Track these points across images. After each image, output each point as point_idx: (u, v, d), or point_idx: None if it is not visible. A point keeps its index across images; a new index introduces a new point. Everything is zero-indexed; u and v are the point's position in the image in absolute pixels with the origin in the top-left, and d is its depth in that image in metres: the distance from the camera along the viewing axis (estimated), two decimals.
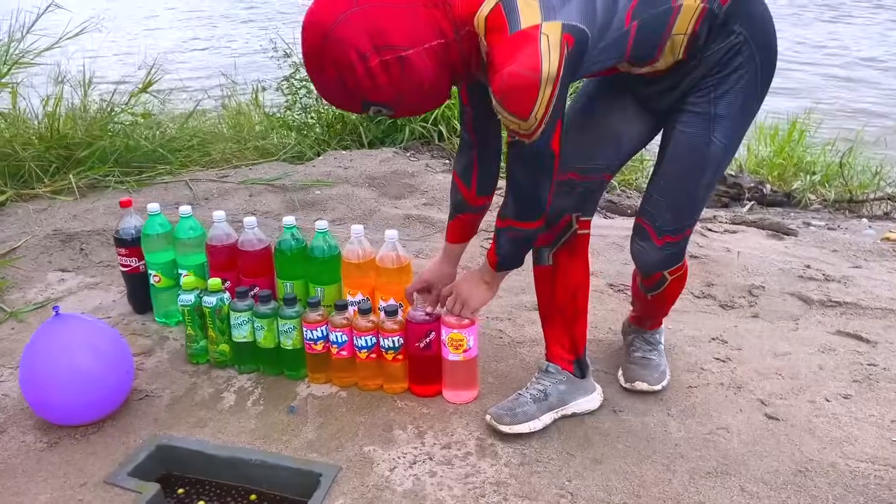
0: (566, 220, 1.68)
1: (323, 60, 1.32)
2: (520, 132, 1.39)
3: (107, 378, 1.77)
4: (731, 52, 1.51)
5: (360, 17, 1.29)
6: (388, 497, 1.53)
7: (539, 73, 1.30)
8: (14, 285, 2.40)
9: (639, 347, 1.95)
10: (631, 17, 1.42)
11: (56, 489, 1.58)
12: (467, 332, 1.75)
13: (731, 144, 1.60)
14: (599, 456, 1.66)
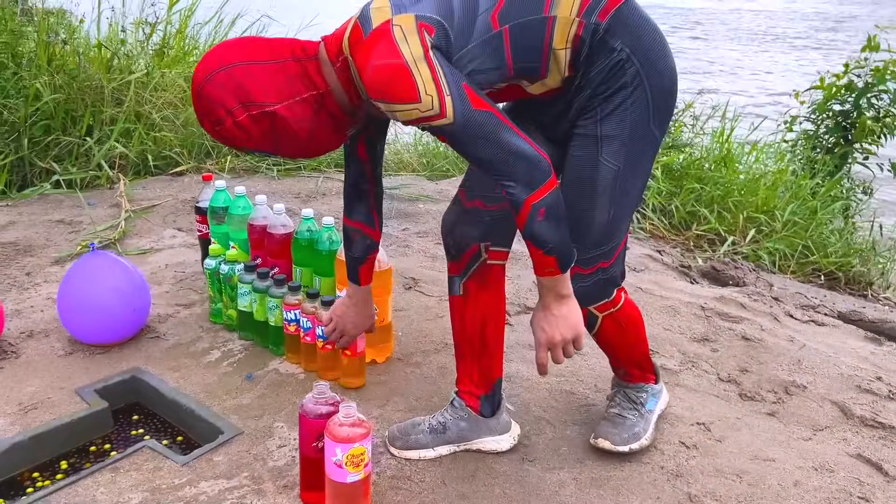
0: (474, 249, 1.64)
1: (199, 113, 1.40)
2: (428, 116, 1.32)
3: (120, 310, 2.11)
4: (614, 69, 1.43)
5: (226, 77, 1.35)
6: (256, 467, 1.65)
7: (401, 58, 1.29)
8: (136, 234, 2.92)
9: (617, 403, 1.80)
10: (498, 20, 1.38)
11: (42, 385, 1.93)
12: (367, 443, 1.45)
13: (625, 168, 1.48)
14: (470, 493, 1.60)
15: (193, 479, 1.61)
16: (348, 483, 1.45)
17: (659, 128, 1.51)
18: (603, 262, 1.56)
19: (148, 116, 3.82)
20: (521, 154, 1.34)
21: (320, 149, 1.49)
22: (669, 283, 2.66)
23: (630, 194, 1.54)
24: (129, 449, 1.72)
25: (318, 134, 1.43)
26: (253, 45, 1.40)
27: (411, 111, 1.32)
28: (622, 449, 1.72)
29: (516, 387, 2.02)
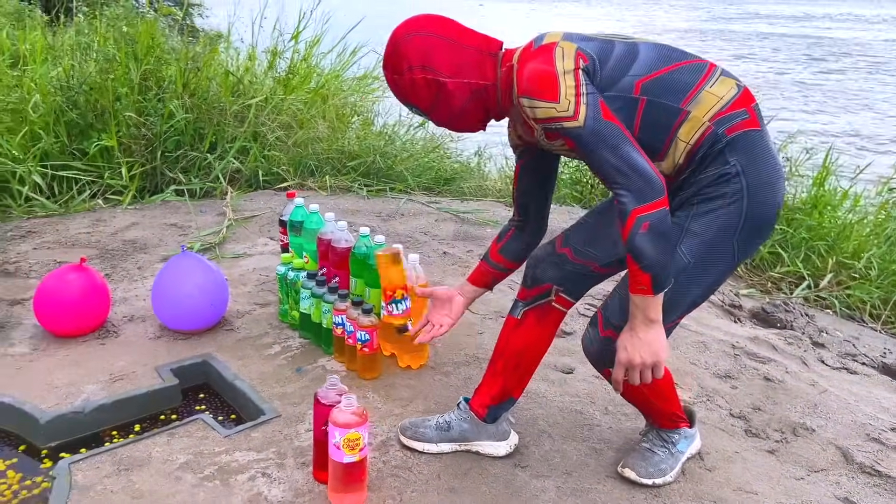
0: (546, 287, 1.82)
1: (387, 62, 1.65)
2: (562, 116, 1.50)
3: (200, 304, 2.48)
4: (721, 178, 1.58)
5: (420, 41, 1.61)
6: (284, 445, 1.93)
7: (554, 67, 1.52)
8: (234, 240, 3.32)
9: (649, 439, 1.92)
10: (640, 89, 1.57)
11: (130, 361, 2.31)
12: (363, 430, 1.67)
13: (694, 266, 1.60)
14: (459, 488, 1.80)
15: (230, 448, 1.92)
16: (345, 463, 1.69)
17: (741, 246, 1.61)
18: None
19: (264, 136, 4.29)
20: (638, 168, 1.48)
21: (462, 128, 1.72)
22: (709, 321, 2.72)
23: (688, 292, 1.63)
24: (186, 419, 2.07)
25: (467, 116, 1.67)
26: (453, 25, 1.66)
27: (549, 109, 1.51)
28: (646, 481, 1.83)
29: (530, 402, 2.19)
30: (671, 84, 1.57)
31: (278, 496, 1.75)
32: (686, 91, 1.57)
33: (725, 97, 1.58)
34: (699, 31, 36.88)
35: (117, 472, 1.81)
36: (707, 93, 1.57)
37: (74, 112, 3.97)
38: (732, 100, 1.58)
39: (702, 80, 1.59)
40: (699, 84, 1.58)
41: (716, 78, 1.60)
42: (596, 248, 1.79)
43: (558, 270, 1.81)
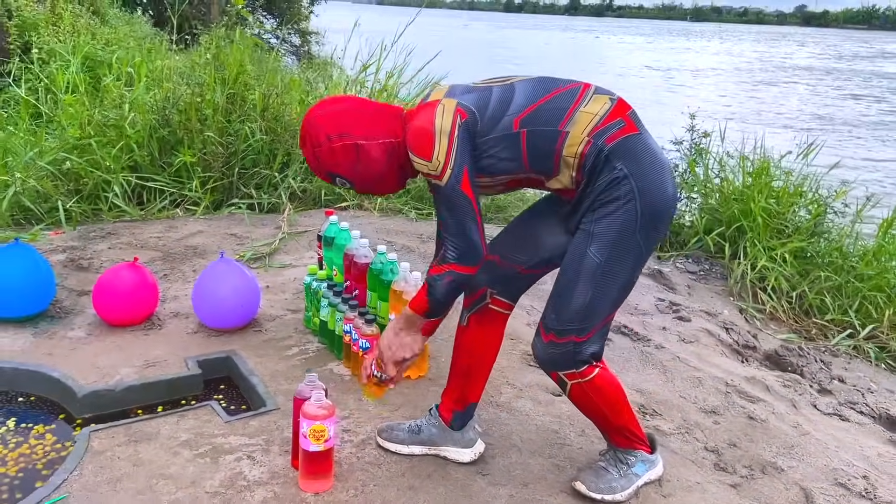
0: (481, 291, 2.01)
1: (304, 138, 1.86)
2: (431, 173, 1.76)
3: (235, 306, 2.75)
4: (612, 184, 1.76)
5: (333, 113, 1.84)
6: (274, 434, 2.15)
7: (433, 125, 1.75)
8: (284, 251, 3.62)
9: (606, 458, 2.02)
10: (519, 124, 1.78)
11: (166, 351, 2.61)
12: (329, 423, 1.86)
13: (606, 264, 1.77)
14: (418, 486, 1.96)
15: (227, 432, 2.15)
16: (311, 451, 1.89)
17: (644, 240, 1.79)
18: (576, 336, 1.83)
19: None
20: (471, 239, 1.78)
21: (384, 189, 1.96)
22: (711, 358, 2.75)
23: (607, 288, 1.80)
24: (196, 404, 2.33)
25: (386, 175, 1.89)
26: (358, 99, 1.92)
27: (423, 165, 1.77)
28: (594, 496, 1.94)
29: (511, 418, 2.32)
30: (547, 113, 1.77)
31: (256, 476, 1.96)
32: (562, 115, 1.77)
33: (600, 112, 1.76)
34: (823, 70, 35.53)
35: (128, 442, 2.09)
36: (582, 112, 1.76)
37: (166, 130, 4.42)
38: (607, 113, 1.77)
39: (576, 102, 1.78)
40: (573, 106, 1.77)
41: (589, 97, 1.79)
42: (521, 252, 1.98)
43: (489, 274, 1.99)
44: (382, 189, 1.96)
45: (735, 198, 4.24)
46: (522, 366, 2.67)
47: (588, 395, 1.92)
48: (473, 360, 2.05)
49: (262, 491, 1.91)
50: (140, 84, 4.68)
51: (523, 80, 1.85)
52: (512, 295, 2.03)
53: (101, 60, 6.02)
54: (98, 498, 1.85)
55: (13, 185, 3.80)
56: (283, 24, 17.81)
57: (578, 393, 1.91)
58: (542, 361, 1.91)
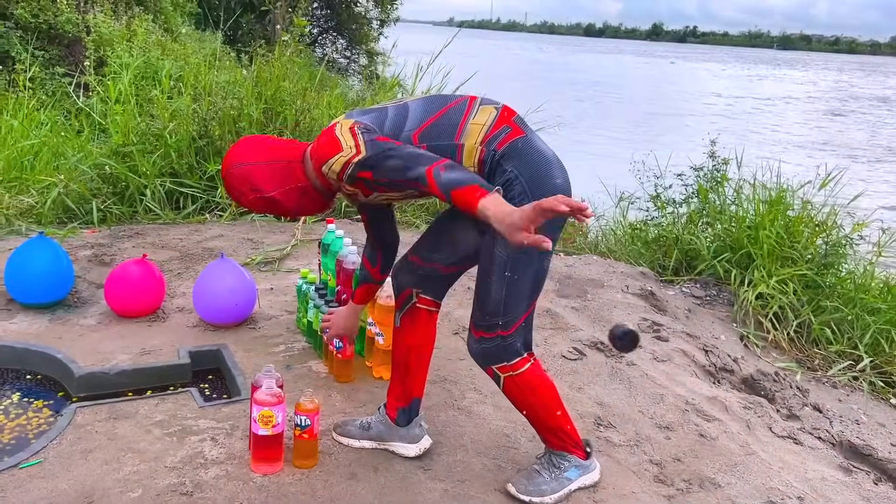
0: (407, 292, 2.15)
1: (227, 189, 2.07)
2: (347, 157, 1.82)
3: (231, 304, 2.95)
4: (506, 186, 1.86)
5: (239, 173, 2.00)
6: (241, 421, 2.31)
7: (333, 132, 1.88)
8: (294, 257, 3.82)
9: (540, 462, 2.11)
10: (418, 139, 1.90)
11: (163, 341, 2.82)
12: (276, 410, 2.02)
13: (512, 258, 1.88)
14: (360, 476, 2.09)
15: (199, 416, 2.34)
16: (259, 435, 2.05)
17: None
18: (502, 331, 1.95)
19: None
20: (416, 152, 1.76)
21: (312, 213, 2.14)
22: (679, 377, 2.78)
23: (519, 281, 1.91)
24: (178, 390, 2.52)
25: (308, 206, 2.06)
26: (261, 146, 2.03)
27: (339, 159, 1.83)
28: (522, 497, 2.03)
29: (469, 420, 2.42)
30: (441, 127, 1.90)
31: (214, 456, 2.13)
32: (455, 128, 1.89)
33: (487, 122, 1.89)
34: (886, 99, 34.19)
35: (108, 419, 2.29)
36: (472, 124, 1.89)
37: (203, 140, 4.71)
38: (494, 121, 1.90)
39: (465, 115, 1.90)
40: (464, 120, 1.90)
41: (476, 109, 1.92)
42: (439, 252, 2.11)
43: (412, 276, 2.13)
44: (310, 213, 2.15)
45: (748, 225, 4.23)
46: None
47: (520, 389, 2.01)
48: (410, 357, 2.18)
49: (216, 469, 2.07)
50: (186, 95, 4.99)
51: (415, 100, 1.99)
52: (437, 293, 2.16)
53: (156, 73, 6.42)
54: (69, 465, 2.05)
55: (58, 186, 4.14)
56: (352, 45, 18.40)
57: (511, 386, 2.02)
58: (475, 357, 2.03)
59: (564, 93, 22.81)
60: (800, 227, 4.15)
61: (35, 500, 1.90)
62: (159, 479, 2.01)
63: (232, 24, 15.08)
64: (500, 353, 1.98)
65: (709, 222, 4.60)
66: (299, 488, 2.02)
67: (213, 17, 15.05)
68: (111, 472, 2.03)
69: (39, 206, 4.21)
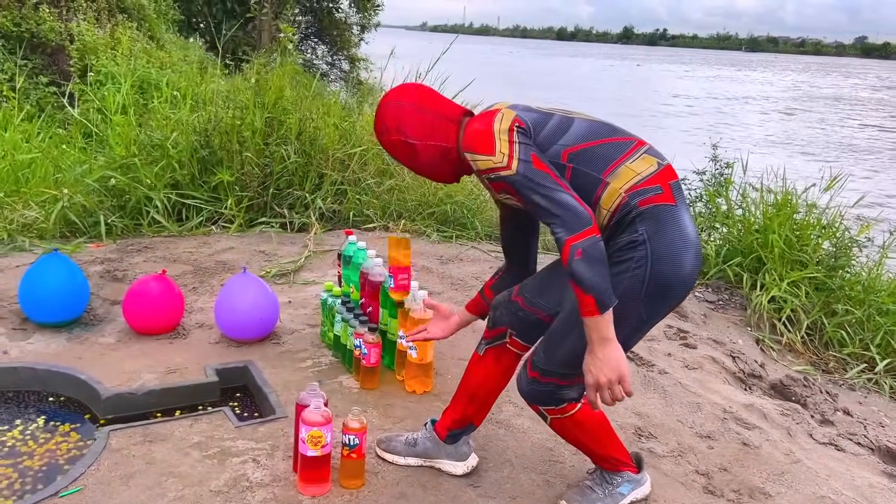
0: (502, 330, 2.06)
1: (376, 121, 1.97)
2: (497, 166, 1.76)
3: (254, 319, 2.90)
4: (630, 245, 1.77)
5: (396, 109, 1.91)
6: (280, 440, 2.26)
7: (492, 125, 1.79)
8: (309, 269, 3.77)
9: (592, 478, 2.09)
10: (567, 157, 1.82)
11: (187, 359, 2.75)
12: (326, 430, 1.95)
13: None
14: (409, 495, 2.05)
15: (237, 436, 2.28)
16: (308, 456, 2.00)
17: (646, 308, 1.79)
18: (559, 380, 1.90)
19: (362, 181, 4.77)
20: (565, 204, 1.69)
21: (438, 180, 2.02)
22: (713, 385, 2.78)
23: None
24: (211, 410, 2.47)
25: (439, 170, 1.97)
26: (425, 94, 1.94)
27: (487, 161, 1.78)
28: None
29: (508, 434, 2.40)
30: (594, 156, 1.81)
31: (258, 478, 2.08)
32: (607, 164, 1.79)
33: (644, 173, 1.78)
34: (848, 99, 34.94)
35: (143, 442, 2.23)
36: (626, 167, 1.79)
37: (206, 151, 4.64)
38: (650, 176, 1.78)
39: (624, 155, 1.80)
40: (621, 159, 1.80)
41: (639, 155, 1.81)
42: (544, 298, 2.00)
43: (512, 316, 2.04)
44: (436, 180, 2.04)
45: (756, 229, 4.25)
46: None
47: (569, 428, 1.99)
48: (482, 391, 2.12)
49: (263, 492, 2.02)
50: (185, 106, 4.92)
51: (584, 119, 1.89)
52: (530, 339, 2.06)
53: (152, 83, 6.32)
54: (110, 491, 1.99)
55: (61, 200, 4.05)
56: (333, 50, 18.31)
57: (559, 426, 2.00)
58: (523, 394, 1.99)
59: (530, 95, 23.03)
60: (808, 230, 4.18)
61: None
62: None
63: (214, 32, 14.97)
64: (549, 399, 1.94)
65: (715, 226, 4.63)
66: None
67: (195, 24, 14.94)
68: (155, 499, 1.97)
69: (41, 220, 4.11)
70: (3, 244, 3.79)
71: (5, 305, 3.10)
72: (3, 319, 2.98)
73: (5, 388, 2.60)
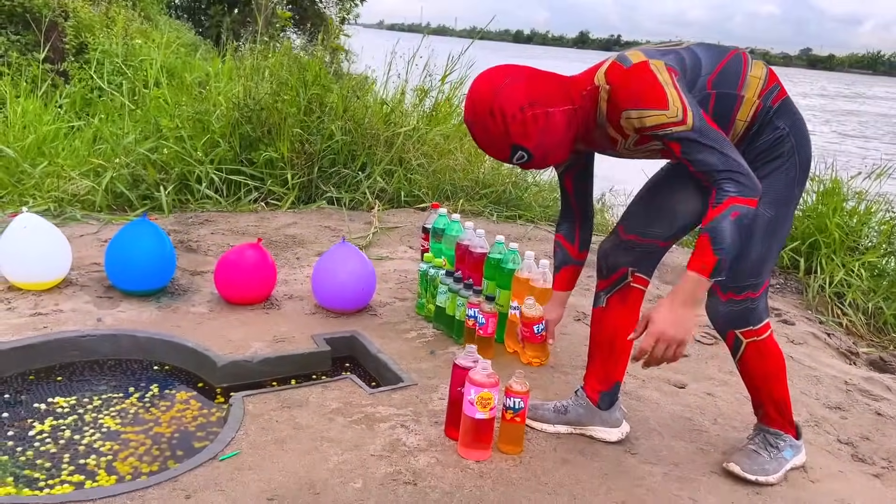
0: (622, 272, 2.07)
1: (493, 111, 1.73)
2: (671, 122, 1.68)
3: (354, 289, 2.81)
4: (777, 142, 1.86)
5: (520, 82, 1.75)
6: (420, 407, 2.19)
7: (656, 77, 1.71)
8: (378, 245, 3.69)
9: (755, 441, 2.05)
10: (711, 85, 1.82)
11: (290, 329, 2.65)
12: (495, 391, 1.91)
13: (774, 217, 1.86)
14: (572, 460, 2.00)
15: (374, 402, 2.20)
16: (476, 419, 1.93)
17: (799, 189, 1.91)
18: (751, 292, 1.92)
19: (408, 162, 4.69)
20: (742, 167, 1.68)
21: (558, 157, 1.85)
22: (823, 359, 2.80)
23: (777, 240, 1.91)
24: (335, 377, 2.38)
25: (563, 143, 1.81)
26: (528, 67, 1.82)
27: (659, 116, 1.69)
28: (749, 476, 1.97)
29: (642, 405, 2.36)
30: (727, 76, 1.84)
31: (414, 443, 2.01)
32: (738, 79, 1.84)
33: (762, 76, 1.86)
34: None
35: (281, 408, 2.13)
36: (750, 76, 1.85)
37: (248, 126, 4.50)
38: (766, 76, 1.86)
39: (744, 66, 1.85)
40: (744, 70, 1.85)
41: (751, 62, 1.87)
42: (657, 226, 2.04)
43: (631, 254, 2.05)
44: (555, 158, 1.88)
45: (808, 215, 4.31)
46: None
47: (761, 356, 1.98)
48: (617, 340, 2.09)
49: (425, 457, 1.95)
50: (224, 81, 4.77)
51: (693, 45, 1.87)
52: (650, 270, 2.09)
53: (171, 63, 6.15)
54: (268, 455, 1.89)
55: (111, 170, 3.88)
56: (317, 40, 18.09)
57: (753, 353, 1.98)
58: (720, 321, 1.98)
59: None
60: (858, 217, 4.25)
61: (257, 493, 1.75)
62: (373, 469, 1.87)
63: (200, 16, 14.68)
64: (747, 317, 1.94)
65: None
66: (521, 474, 1.92)
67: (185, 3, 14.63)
68: (319, 463, 1.88)
69: (84, 192, 3.94)
70: (52, 215, 3.62)
71: (84, 273, 2.95)
72: (86, 287, 2.83)
73: (106, 357, 2.47)
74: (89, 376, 2.37)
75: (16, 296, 2.71)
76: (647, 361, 1.78)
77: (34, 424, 2.06)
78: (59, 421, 2.09)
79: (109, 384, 2.33)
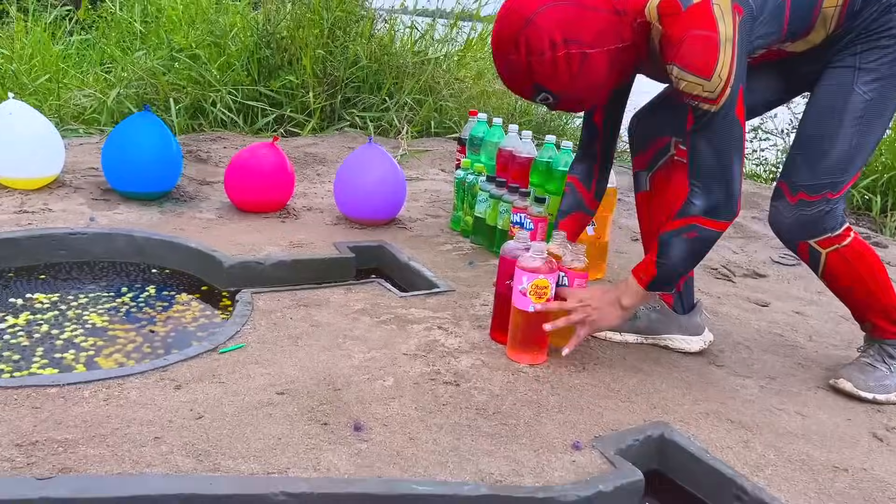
0: (663, 141, 1.71)
1: (518, 42, 1.41)
2: (703, 95, 1.39)
3: (386, 197, 2.47)
4: (883, 14, 1.48)
5: (559, 12, 1.39)
6: (459, 311, 1.85)
7: (717, 32, 1.36)
8: (408, 167, 3.33)
9: (870, 354, 1.69)
10: None
11: (309, 236, 2.31)
12: (552, 278, 1.58)
13: (874, 102, 1.50)
14: (647, 370, 1.65)
15: (406, 305, 1.86)
16: (530, 312, 1.58)
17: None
18: (830, 192, 1.55)
19: (439, 91, 4.33)
20: (730, 182, 1.45)
21: (592, 102, 1.55)
22: None
23: (871, 132, 1.55)
24: (362, 280, 2.04)
25: (602, 88, 1.49)
26: None
27: (696, 86, 1.39)
28: (865, 395, 1.62)
29: (722, 321, 2.01)
30: None
31: (454, 344, 1.67)
32: None
33: None
34: None
35: (297, 306, 1.80)
36: None
37: (267, 51, 4.17)
38: None
39: None
40: None
41: None
42: None
43: (670, 123, 1.71)
44: (588, 104, 1.56)
45: (886, 147, 3.89)
46: (708, 277, 2.36)
47: (849, 264, 1.61)
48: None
49: (468, 358, 1.61)
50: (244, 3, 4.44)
51: None
52: None
53: None
54: (280, 350, 1.56)
55: (118, 87, 3.56)
56: None
57: (837, 262, 1.60)
58: (789, 228, 1.60)
59: None
60: None
61: (263, 385, 1.42)
62: (406, 367, 1.54)
63: None
64: (823, 221, 1.57)
65: None
66: (585, 380, 1.58)
67: None
68: (341, 359, 1.55)
69: (90, 111, 3.63)
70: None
71: (80, 177, 2.63)
72: (80, 190, 2.51)
73: (98, 258, 2.15)
74: (77, 276, 2.05)
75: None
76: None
77: (6, 318, 1.75)
78: (37, 315, 1.78)
79: (100, 284, 2.01)
